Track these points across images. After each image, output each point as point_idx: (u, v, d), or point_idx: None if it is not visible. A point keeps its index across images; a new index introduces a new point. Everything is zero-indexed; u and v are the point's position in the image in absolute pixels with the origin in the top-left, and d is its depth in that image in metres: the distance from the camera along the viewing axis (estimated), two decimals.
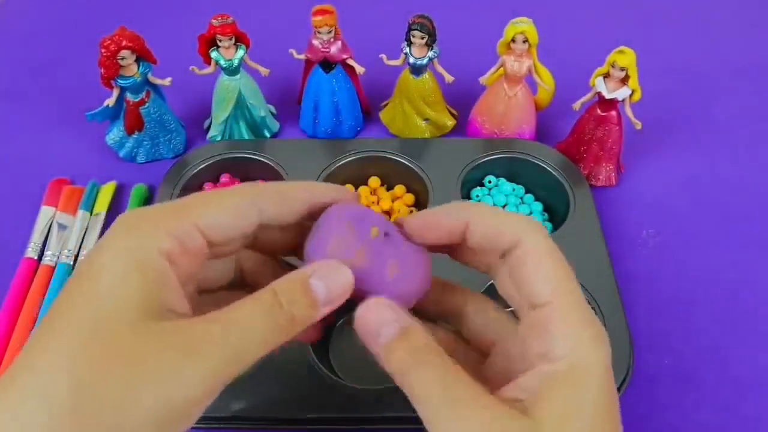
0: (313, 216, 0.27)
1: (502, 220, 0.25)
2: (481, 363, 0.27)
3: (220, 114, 0.57)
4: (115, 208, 0.54)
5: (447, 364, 0.23)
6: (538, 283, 0.24)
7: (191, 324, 0.21)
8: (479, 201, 0.54)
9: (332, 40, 0.54)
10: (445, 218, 0.26)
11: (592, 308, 0.43)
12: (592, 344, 0.23)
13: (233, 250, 0.26)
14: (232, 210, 0.24)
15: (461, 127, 0.61)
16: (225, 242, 0.24)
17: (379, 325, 0.23)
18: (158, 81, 0.54)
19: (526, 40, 0.52)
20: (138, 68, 0.53)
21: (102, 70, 0.51)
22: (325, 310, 0.24)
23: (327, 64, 0.56)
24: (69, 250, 0.50)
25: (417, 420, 0.41)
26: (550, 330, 0.23)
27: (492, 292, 0.47)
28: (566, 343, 0.22)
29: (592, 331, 0.23)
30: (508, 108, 0.56)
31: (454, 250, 0.27)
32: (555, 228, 0.51)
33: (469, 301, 0.28)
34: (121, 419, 0.19)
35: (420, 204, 0.53)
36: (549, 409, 0.21)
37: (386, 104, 0.61)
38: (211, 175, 0.55)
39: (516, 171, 0.55)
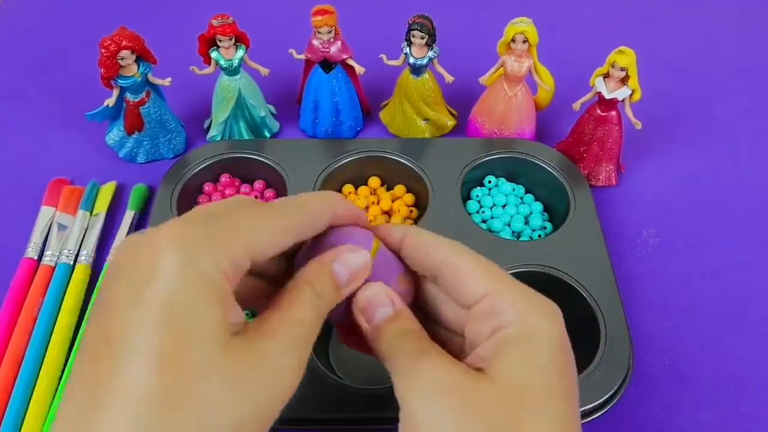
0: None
1: (431, 239, 0.27)
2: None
3: (220, 114, 0.57)
4: (115, 208, 0.54)
5: (422, 336, 0.25)
6: (476, 282, 0.25)
7: (260, 335, 0.22)
8: (479, 201, 0.54)
9: (332, 40, 0.54)
10: (391, 229, 0.28)
11: (592, 308, 0.44)
12: (540, 311, 0.24)
13: None
14: (279, 233, 0.24)
15: (461, 127, 0.61)
16: (262, 261, 0.24)
17: (377, 306, 0.26)
18: (158, 81, 0.54)
19: (526, 40, 0.52)
20: (138, 68, 0.53)
21: (102, 70, 0.51)
22: (347, 292, 0.26)
23: (327, 64, 0.56)
24: (69, 250, 0.50)
25: None
26: (497, 308, 0.24)
27: None
28: (515, 311, 0.24)
29: (539, 302, 0.25)
30: (508, 108, 0.56)
31: None
32: (555, 228, 0.51)
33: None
34: None
35: (420, 204, 0.53)
36: (502, 367, 0.23)
37: (386, 104, 0.61)
38: (211, 175, 0.55)
39: (516, 171, 0.55)
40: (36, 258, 0.50)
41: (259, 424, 0.21)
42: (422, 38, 0.52)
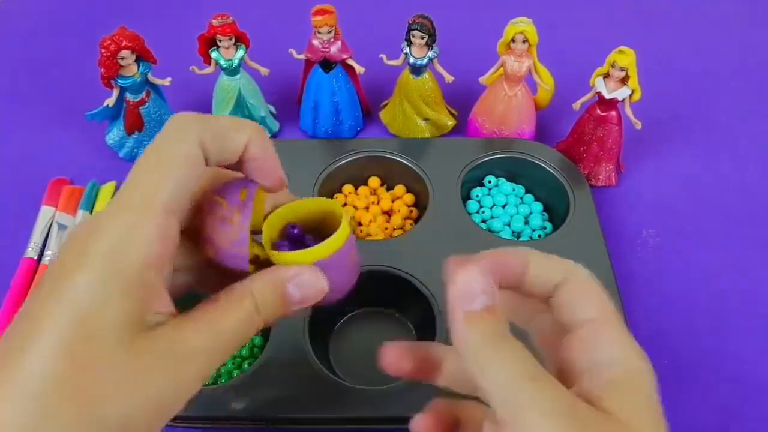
0: None
1: (554, 260, 0.26)
2: None
3: (220, 114, 0.57)
4: None
5: (524, 348, 0.23)
6: (588, 304, 0.25)
7: (176, 334, 0.22)
8: (479, 201, 0.54)
9: (332, 40, 0.54)
10: (509, 256, 0.26)
11: None
12: (640, 354, 0.24)
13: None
14: (188, 173, 0.23)
15: (461, 127, 0.61)
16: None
17: (479, 293, 0.23)
18: (158, 81, 0.54)
19: (526, 40, 0.52)
20: (138, 68, 0.53)
21: (102, 70, 0.51)
22: (292, 312, 0.25)
23: (327, 64, 0.56)
24: None
25: None
26: (602, 340, 0.24)
27: None
28: (621, 350, 0.24)
29: (636, 344, 0.24)
30: (508, 108, 0.56)
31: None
32: (555, 228, 0.51)
33: None
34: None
35: (420, 204, 0.53)
36: (615, 404, 0.22)
37: (386, 104, 0.61)
38: None
39: (516, 171, 0.55)
40: (36, 258, 0.50)
41: (148, 424, 0.21)
42: (422, 38, 0.52)
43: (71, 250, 0.22)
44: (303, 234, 0.27)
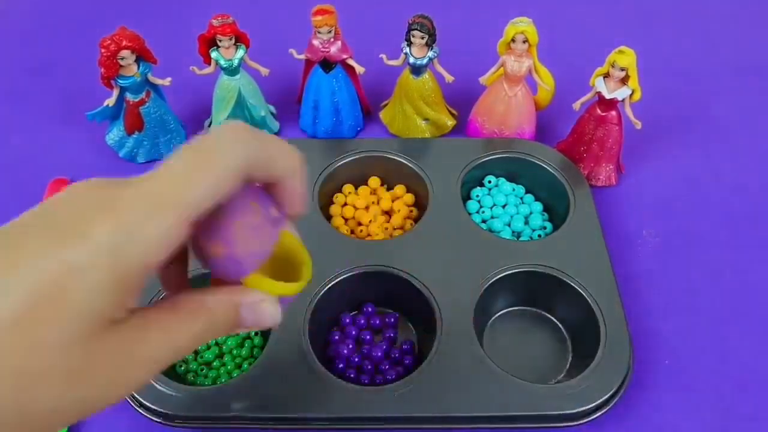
0: None
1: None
2: None
3: (220, 114, 0.57)
4: None
5: None
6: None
7: (136, 336, 0.22)
8: (479, 201, 0.54)
9: (332, 40, 0.54)
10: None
11: (592, 308, 0.43)
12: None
13: None
14: (223, 187, 0.22)
15: (461, 127, 0.61)
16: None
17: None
18: (158, 81, 0.54)
19: (526, 40, 0.52)
20: (138, 68, 0.53)
21: (102, 70, 0.51)
22: (240, 332, 0.25)
23: (327, 64, 0.56)
24: None
25: (416, 420, 0.41)
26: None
27: (493, 291, 0.47)
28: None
29: None
30: (508, 108, 0.56)
31: None
32: (555, 228, 0.51)
33: None
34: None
35: (420, 204, 0.53)
36: None
37: (386, 104, 0.61)
38: None
39: (516, 171, 0.55)
40: None
41: (69, 418, 0.21)
42: (422, 38, 0.52)
43: (88, 204, 0.21)
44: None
